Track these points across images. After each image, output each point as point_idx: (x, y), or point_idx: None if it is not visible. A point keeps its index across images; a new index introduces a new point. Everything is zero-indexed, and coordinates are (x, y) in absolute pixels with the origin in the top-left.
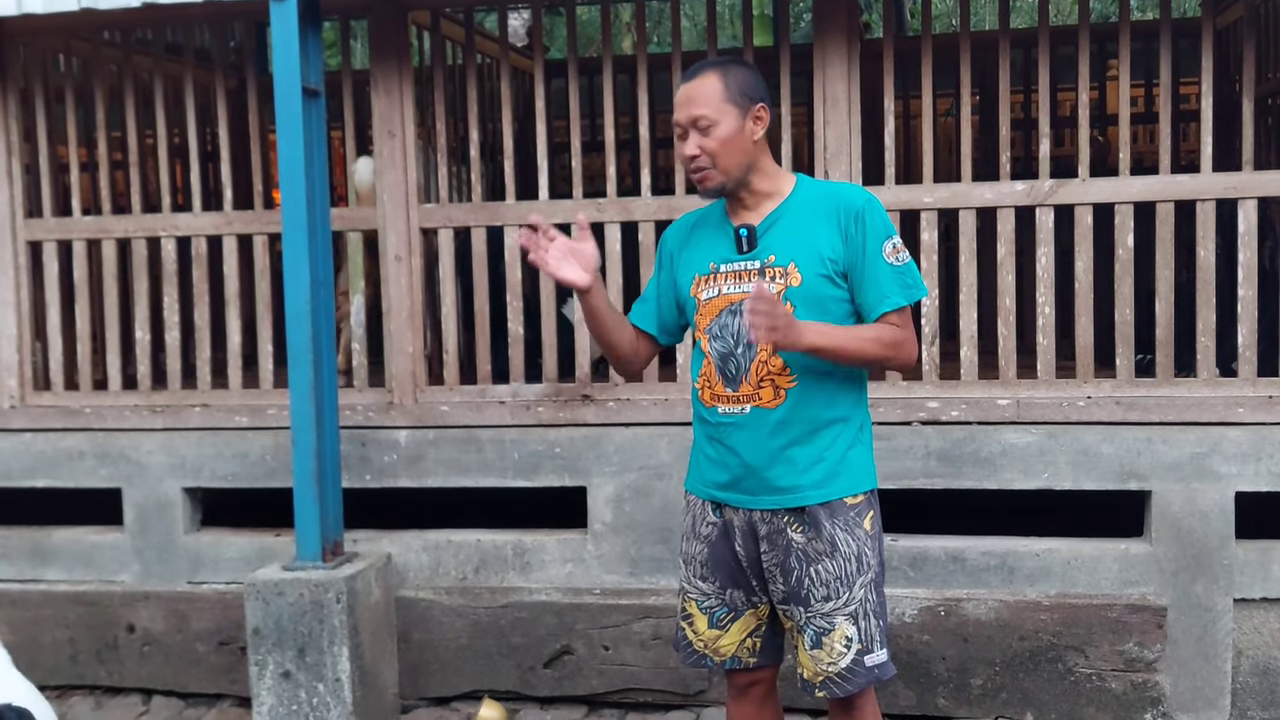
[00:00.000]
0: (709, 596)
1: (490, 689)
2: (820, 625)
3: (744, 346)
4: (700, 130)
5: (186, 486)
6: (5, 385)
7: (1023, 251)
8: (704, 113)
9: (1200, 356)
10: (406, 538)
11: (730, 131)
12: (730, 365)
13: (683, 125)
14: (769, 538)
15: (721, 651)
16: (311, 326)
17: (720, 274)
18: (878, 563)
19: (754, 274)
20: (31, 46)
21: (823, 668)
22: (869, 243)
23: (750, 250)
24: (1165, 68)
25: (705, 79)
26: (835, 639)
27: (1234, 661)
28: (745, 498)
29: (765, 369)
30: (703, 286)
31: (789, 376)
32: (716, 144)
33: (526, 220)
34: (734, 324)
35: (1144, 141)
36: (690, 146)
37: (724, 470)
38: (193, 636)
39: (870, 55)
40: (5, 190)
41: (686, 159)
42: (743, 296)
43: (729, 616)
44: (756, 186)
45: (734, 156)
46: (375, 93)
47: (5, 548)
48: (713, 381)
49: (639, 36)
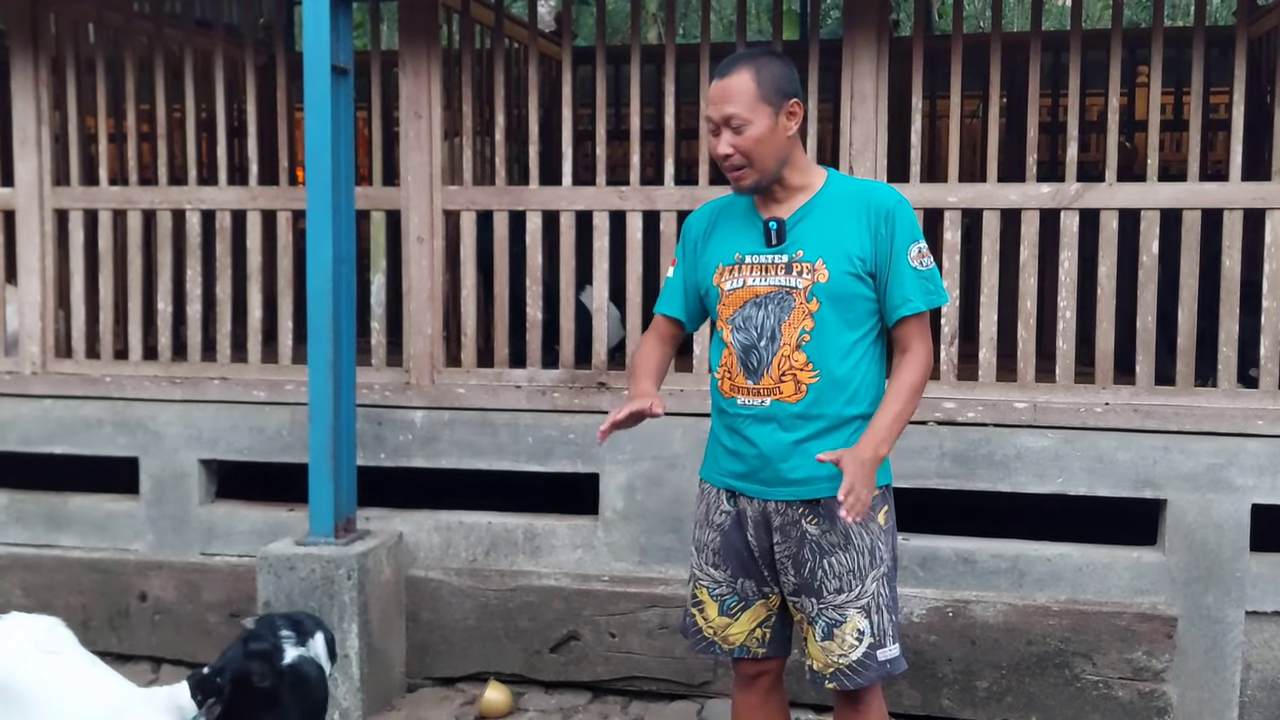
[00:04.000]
0: (720, 584)
1: (496, 671)
2: (832, 617)
3: (767, 339)
4: (733, 129)
5: (203, 458)
6: (27, 351)
7: (1044, 255)
8: (737, 112)
9: (1221, 366)
10: (418, 517)
11: (764, 130)
12: (753, 358)
13: (715, 122)
14: (783, 529)
15: (731, 640)
16: (332, 304)
17: (746, 265)
18: (891, 557)
19: (781, 268)
20: (64, 16)
21: (834, 659)
22: (896, 244)
23: (779, 244)
24: (1197, 75)
25: (738, 76)
26: (847, 631)
27: (1243, 674)
28: (760, 488)
29: (788, 363)
30: (726, 277)
31: (812, 372)
32: (750, 143)
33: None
34: (758, 317)
35: (1171, 149)
36: (724, 145)
37: (740, 461)
38: (204, 607)
39: (898, 53)
40: (34, 158)
41: (720, 157)
42: (768, 290)
43: (739, 605)
44: (789, 180)
45: (768, 154)
46: (403, 74)
47: (22, 512)
48: (733, 372)
49: (667, 27)
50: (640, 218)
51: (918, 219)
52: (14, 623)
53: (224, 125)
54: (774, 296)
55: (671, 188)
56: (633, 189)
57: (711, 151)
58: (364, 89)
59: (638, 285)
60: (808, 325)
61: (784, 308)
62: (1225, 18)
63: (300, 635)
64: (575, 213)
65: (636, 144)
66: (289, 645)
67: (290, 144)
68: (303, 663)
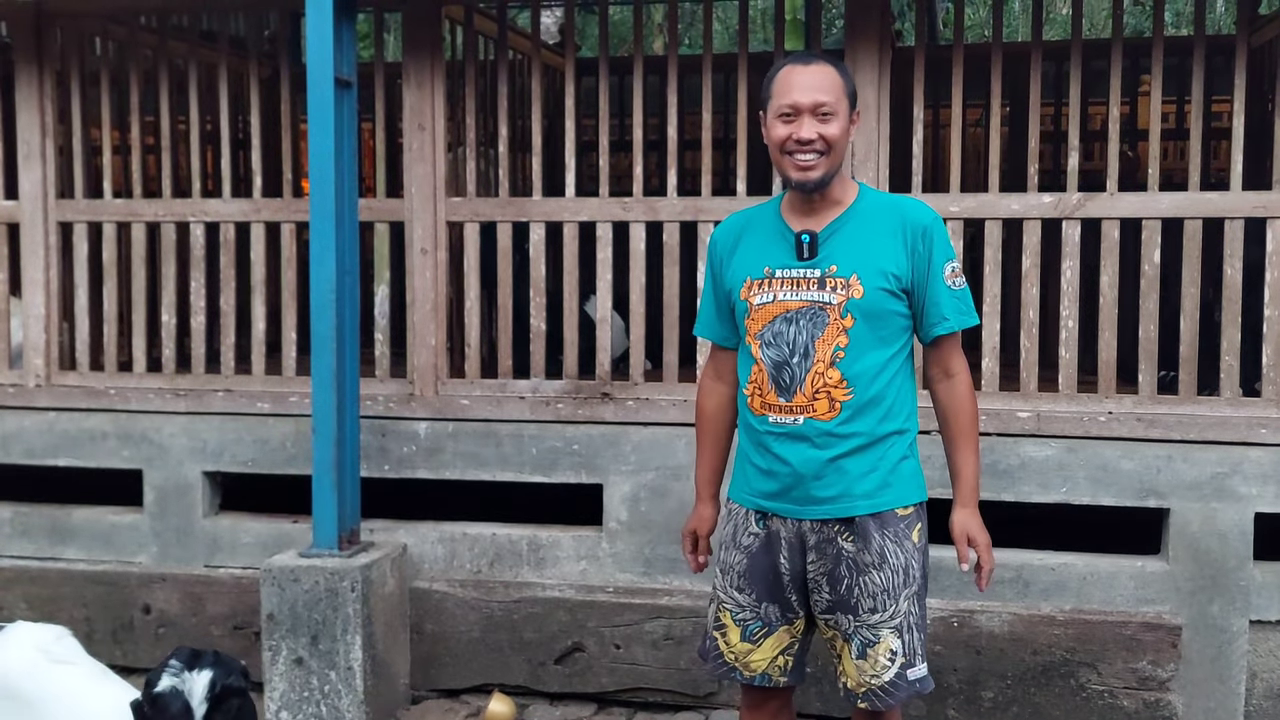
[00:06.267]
0: (744, 609)
1: (501, 683)
2: (866, 636)
3: (800, 356)
4: (820, 117)
5: (207, 470)
6: (32, 364)
7: (1047, 265)
8: (830, 100)
9: (1224, 375)
10: (423, 529)
11: (844, 126)
12: (784, 374)
13: (803, 108)
14: (818, 547)
15: (752, 667)
16: (336, 316)
17: (776, 279)
18: (922, 575)
19: (813, 282)
20: (69, 29)
21: (866, 679)
22: (934, 262)
23: (811, 258)
24: (1198, 84)
25: (826, 69)
26: (880, 651)
27: (1248, 684)
28: (794, 507)
29: (822, 380)
30: (755, 291)
31: (846, 389)
32: (837, 133)
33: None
34: (789, 332)
35: (1174, 158)
36: (808, 130)
37: (772, 480)
38: (208, 620)
39: (901, 63)
40: (38, 170)
41: (800, 141)
42: (800, 305)
43: (762, 631)
44: (832, 189)
45: (842, 150)
46: (407, 85)
47: (26, 525)
48: (764, 389)
49: (670, 38)
50: (643, 228)
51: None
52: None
53: (228, 138)
54: (806, 312)
55: (675, 198)
56: (636, 200)
57: (776, 138)
58: (368, 101)
59: (641, 296)
60: (842, 342)
61: (817, 323)
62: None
63: (186, 668)
64: (579, 223)
65: (640, 155)
66: (167, 675)
67: (294, 156)
68: (168, 694)
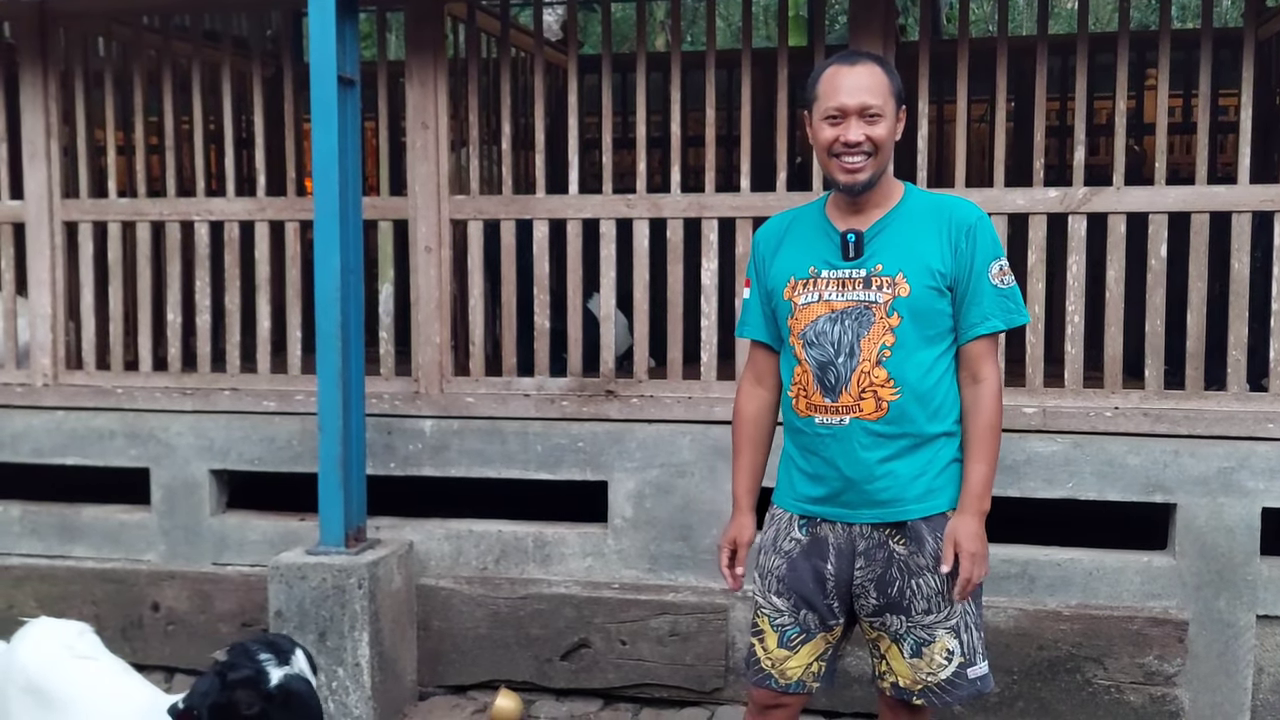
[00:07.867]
0: (782, 614)
1: (507, 679)
2: (920, 636)
3: (845, 355)
4: (867, 119)
5: (214, 468)
6: (38, 364)
7: (1053, 259)
8: (877, 102)
9: (1231, 370)
10: (429, 526)
11: (891, 127)
12: (829, 375)
13: (849, 110)
14: (867, 553)
15: (788, 675)
16: (340, 314)
17: (822, 279)
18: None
19: (859, 282)
20: (73, 30)
21: (921, 676)
22: (978, 260)
23: (857, 257)
24: (1205, 78)
25: (871, 69)
26: (936, 650)
27: (1255, 679)
28: (845, 512)
29: (867, 379)
30: (800, 290)
31: (893, 388)
32: (884, 134)
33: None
34: (834, 332)
35: (1180, 152)
36: (856, 132)
37: (820, 484)
38: (216, 617)
39: (905, 58)
40: (43, 171)
41: (847, 144)
42: (846, 305)
43: (800, 637)
44: (879, 188)
45: (889, 151)
46: (410, 84)
47: (35, 523)
48: (809, 390)
49: (673, 35)
50: (647, 225)
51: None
52: (46, 627)
53: (232, 137)
54: (851, 311)
55: (678, 195)
56: (639, 197)
57: (823, 140)
58: (371, 99)
59: (645, 293)
60: (888, 340)
61: (862, 323)
62: (1234, 19)
63: (280, 656)
64: (582, 221)
65: (643, 151)
66: (271, 667)
67: (298, 155)
68: (291, 680)
